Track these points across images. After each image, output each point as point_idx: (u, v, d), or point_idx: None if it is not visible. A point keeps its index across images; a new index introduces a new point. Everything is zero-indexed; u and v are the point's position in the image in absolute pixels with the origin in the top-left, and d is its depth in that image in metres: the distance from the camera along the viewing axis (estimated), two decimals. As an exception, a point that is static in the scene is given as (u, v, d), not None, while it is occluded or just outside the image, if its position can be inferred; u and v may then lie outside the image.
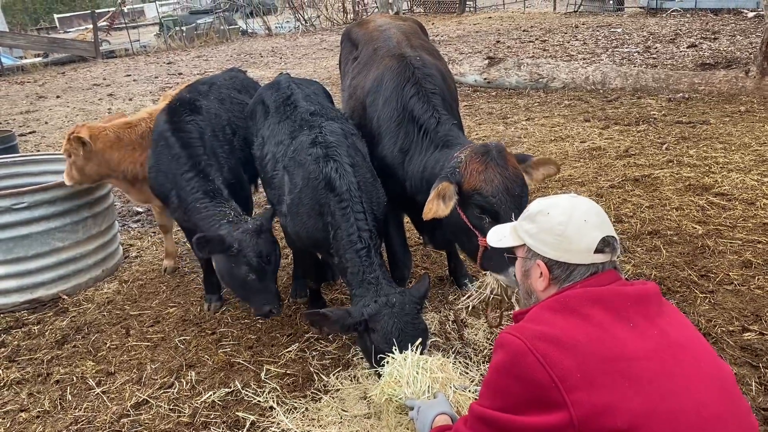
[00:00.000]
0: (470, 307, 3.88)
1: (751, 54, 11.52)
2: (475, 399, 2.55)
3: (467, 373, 3.38)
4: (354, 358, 3.78)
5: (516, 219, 2.50)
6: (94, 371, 3.98)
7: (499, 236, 2.29)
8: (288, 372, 3.77)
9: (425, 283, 3.35)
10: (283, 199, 3.74)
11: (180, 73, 17.97)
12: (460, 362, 3.57)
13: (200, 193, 4.02)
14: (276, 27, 29.22)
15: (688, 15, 19.22)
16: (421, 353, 2.97)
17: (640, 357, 1.77)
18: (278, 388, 3.59)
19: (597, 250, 1.98)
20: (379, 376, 2.99)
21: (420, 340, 3.03)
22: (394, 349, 2.98)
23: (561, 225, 2.01)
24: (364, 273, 3.33)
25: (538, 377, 1.76)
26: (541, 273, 2.06)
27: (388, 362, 2.93)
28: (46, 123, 12.47)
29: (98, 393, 3.75)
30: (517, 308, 3.07)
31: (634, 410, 1.69)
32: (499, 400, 1.87)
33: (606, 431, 1.69)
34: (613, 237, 2.01)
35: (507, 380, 1.85)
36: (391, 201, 3.84)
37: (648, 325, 1.86)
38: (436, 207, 3.17)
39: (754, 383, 3.28)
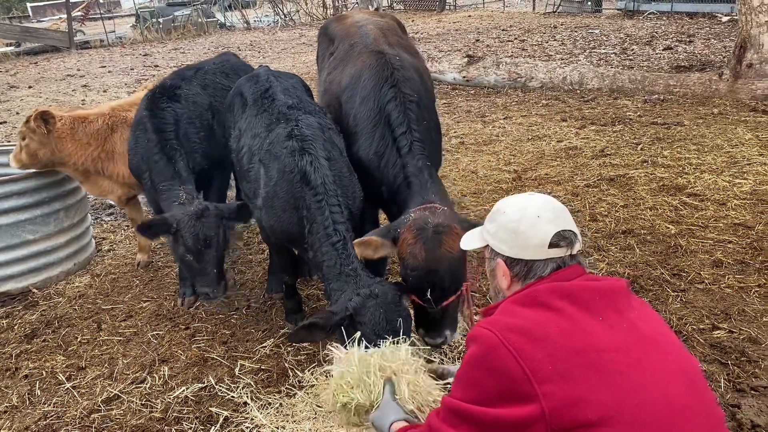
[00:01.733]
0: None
1: (724, 57, 11.72)
2: (430, 380, 2.64)
3: (421, 355, 3.14)
4: (329, 354, 3.77)
5: (431, 295, 2.88)
6: (64, 366, 3.92)
7: (467, 240, 2.36)
8: (262, 367, 3.74)
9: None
10: (259, 193, 3.71)
11: (156, 66, 17.74)
12: (435, 358, 3.58)
13: (165, 175, 4.16)
14: (255, 21, 29.00)
15: (664, 18, 19.49)
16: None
17: (610, 349, 1.80)
18: (252, 383, 3.57)
19: (552, 245, 2.01)
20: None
21: (359, 334, 2.92)
22: (337, 347, 2.90)
23: (514, 222, 2.05)
24: (341, 266, 3.28)
25: (511, 369, 1.78)
26: (503, 271, 2.11)
27: (336, 360, 2.80)
28: (18, 114, 12.22)
29: (68, 388, 3.69)
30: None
31: (605, 402, 1.71)
32: (472, 392, 1.88)
33: (577, 423, 1.71)
34: (569, 231, 2.03)
35: (480, 373, 1.87)
36: (367, 198, 3.84)
37: (617, 318, 1.88)
38: (363, 252, 3.28)
39: (723, 380, 3.33)
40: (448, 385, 2.58)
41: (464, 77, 11.67)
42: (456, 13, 27.37)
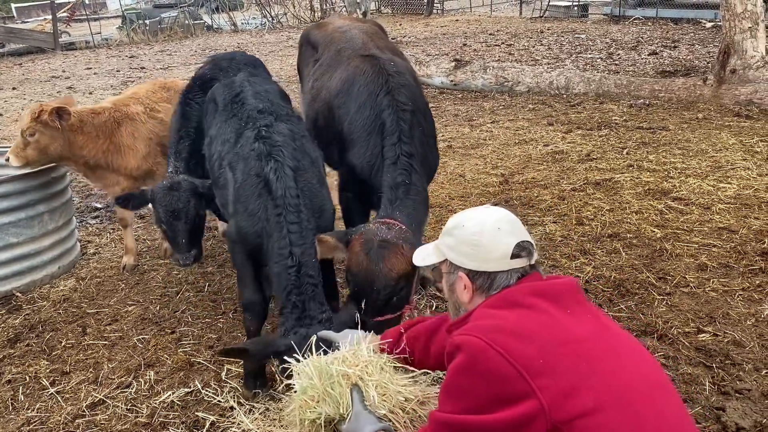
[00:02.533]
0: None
1: (708, 63, 11.85)
2: (395, 370, 2.51)
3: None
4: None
5: (366, 307, 2.87)
6: (48, 371, 3.88)
7: (422, 255, 2.37)
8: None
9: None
10: (229, 200, 3.58)
11: (143, 68, 17.64)
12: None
13: (176, 156, 4.44)
14: (242, 23, 28.89)
15: (649, 23, 19.67)
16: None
17: (587, 338, 1.88)
18: (239, 387, 3.54)
19: (513, 256, 2.06)
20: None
21: (314, 338, 2.75)
22: (296, 358, 2.67)
23: (476, 235, 2.09)
24: (289, 293, 3.11)
25: (503, 371, 1.79)
26: (465, 285, 2.13)
27: (295, 375, 2.61)
28: (1, 115, 12.11)
29: (52, 393, 3.65)
30: None
31: (596, 387, 1.77)
32: (465, 402, 1.87)
33: (575, 413, 1.74)
34: (528, 242, 2.09)
35: (471, 380, 1.86)
36: (362, 203, 3.83)
37: (582, 310, 1.99)
38: (320, 251, 3.27)
39: (707, 383, 3.36)
40: (416, 379, 2.54)
41: (452, 81, 11.71)
42: (443, 17, 27.45)
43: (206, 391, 3.54)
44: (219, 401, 3.44)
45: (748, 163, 6.55)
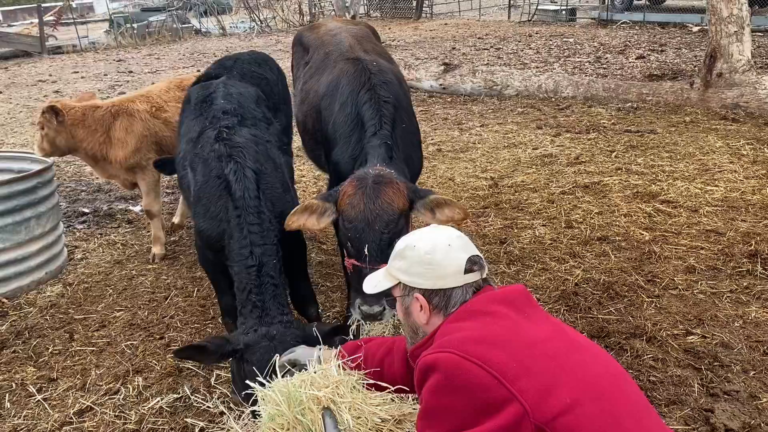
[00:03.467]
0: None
1: (695, 66, 11.94)
2: (364, 384, 2.42)
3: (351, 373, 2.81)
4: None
5: (369, 251, 2.87)
6: (35, 377, 3.83)
7: (374, 282, 2.32)
8: (239, 377, 3.70)
9: (334, 326, 3.09)
10: (191, 202, 3.57)
11: (131, 72, 17.54)
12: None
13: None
14: (231, 27, 28.82)
15: (636, 27, 19.80)
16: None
17: (549, 338, 1.93)
18: (229, 393, 3.52)
19: (467, 270, 2.08)
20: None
21: (276, 359, 2.69)
22: (257, 384, 2.56)
23: (428, 254, 2.10)
24: (249, 293, 3.10)
25: (481, 380, 1.80)
26: (421, 306, 2.12)
27: (261, 402, 2.44)
28: (-12, 119, 11.99)
29: (39, 400, 3.60)
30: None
31: (568, 384, 1.80)
32: (448, 421, 1.85)
33: (555, 410, 1.75)
34: (478, 256, 2.12)
35: (451, 397, 1.84)
36: None
37: (536, 313, 2.05)
38: (304, 220, 3.17)
39: (696, 385, 3.38)
40: (391, 396, 2.44)
41: (441, 85, 11.74)
42: (432, 21, 27.52)
43: (195, 396, 3.51)
44: (208, 407, 3.41)
45: (734, 166, 6.61)
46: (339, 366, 2.45)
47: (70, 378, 3.81)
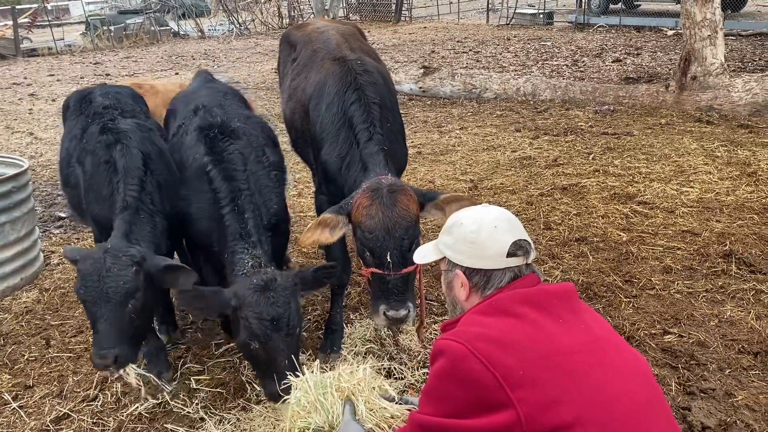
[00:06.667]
0: None
1: (670, 70, 12.12)
2: (394, 399, 2.59)
3: (382, 374, 3.28)
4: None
5: (392, 258, 2.94)
6: (10, 385, 3.77)
7: (422, 253, 2.38)
8: (219, 382, 3.67)
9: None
10: (81, 195, 3.70)
11: (108, 74, 17.34)
12: (395, 368, 3.58)
13: None
14: (209, 30, 28.60)
15: (613, 31, 20.05)
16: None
17: (574, 351, 1.84)
18: (208, 398, 3.50)
19: (509, 254, 2.05)
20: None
21: (317, 363, 2.84)
22: (296, 373, 2.79)
23: (473, 233, 2.10)
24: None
25: (482, 379, 1.78)
26: (462, 282, 2.13)
27: (293, 388, 2.67)
28: (-39, 123, 11.77)
29: (15, 408, 3.55)
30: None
31: (576, 402, 1.75)
32: (444, 406, 1.88)
33: (553, 426, 1.73)
34: (525, 240, 2.09)
35: (450, 385, 1.86)
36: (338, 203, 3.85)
37: (575, 320, 1.95)
38: (318, 235, 3.23)
39: (674, 383, 3.42)
40: (406, 403, 2.58)
41: (420, 88, 11.77)
42: (411, 24, 27.59)
43: (175, 402, 3.48)
44: (188, 413, 3.39)
45: (709, 168, 6.71)
46: (365, 369, 2.67)
47: (46, 385, 3.76)
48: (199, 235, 3.59)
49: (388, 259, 3.09)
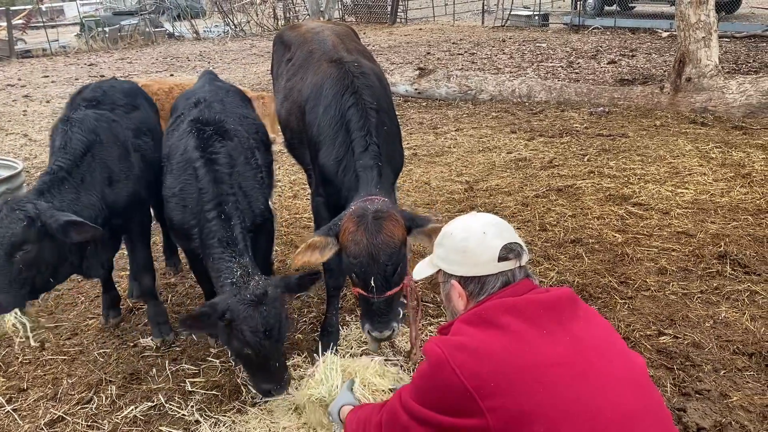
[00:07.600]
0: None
1: (665, 71, 12.15)
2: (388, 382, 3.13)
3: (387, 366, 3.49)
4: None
5: (375, 283, 3.07)
6: (4, 388, 3.75)
7: (419, 270, 2.41)
8: (214, 384, 3.66)
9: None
10: None
11: (102, 76, 17.29)
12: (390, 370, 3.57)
13: None
14: (204, 31, 28.57)
15: (608, 33, 20.10)
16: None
17: (555, 363, 1.83)
18: (204, 401, 3.49)
19: (501, 258, 2.07)
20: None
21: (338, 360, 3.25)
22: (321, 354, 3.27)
23: (463, 241, 2.13)
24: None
25: (455, 386, 1.84)
26: (459, 293, 2.16)
27: (315, 364, 3.19)
28: (-46, 124, 11.72)
29: (9, 411, 3.53)
30: None
31: (550, 415, 1.75)
32: (423, 400, 1.97)
33: None
34: (515, 243, 2.11)
35: (428, 386, 1.95)
36: (329, 211, 3.84)
37: (561, 331, 1.92)
38: (309, 257, 3.25)
39: (669, 384, 3.43)
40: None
41: (416, 89, 11.78)
42: (407, 26, 27.61)
43: (170, 404, 3.47)
44: (184, 415, 3.38)
45: (704, 169, 6.74)
46: (374, 360, 3.27)
47: (40, 388, 3.74)
48: (179, 225, 3.59)
49: (372, 284, 3.13)
